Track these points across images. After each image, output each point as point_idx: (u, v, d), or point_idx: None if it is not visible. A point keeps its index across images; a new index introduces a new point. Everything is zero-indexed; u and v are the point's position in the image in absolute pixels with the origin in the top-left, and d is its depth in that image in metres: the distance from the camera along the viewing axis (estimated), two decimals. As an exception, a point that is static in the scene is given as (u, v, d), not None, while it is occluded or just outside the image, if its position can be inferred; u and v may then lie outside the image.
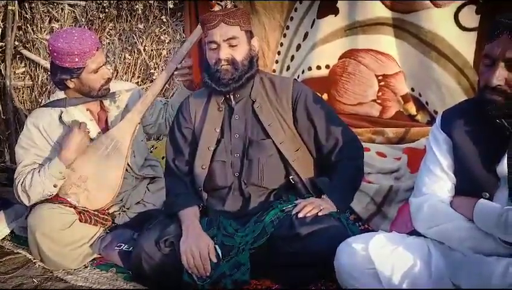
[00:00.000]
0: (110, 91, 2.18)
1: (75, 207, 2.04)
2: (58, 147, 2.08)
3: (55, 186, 2.01)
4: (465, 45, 2.29)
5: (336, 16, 2.51)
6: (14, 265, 2.03)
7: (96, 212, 2.08)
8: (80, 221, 2.02)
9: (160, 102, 2.35)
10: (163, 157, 2.24)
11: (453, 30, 2.30)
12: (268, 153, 1.77)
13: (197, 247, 1.60)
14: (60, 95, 2.16)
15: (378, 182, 2.16)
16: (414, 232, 1.45)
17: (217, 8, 2.16)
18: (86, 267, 2.00)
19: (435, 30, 2.31)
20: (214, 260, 1.60)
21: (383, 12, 2.41)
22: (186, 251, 1.60)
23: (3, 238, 2.29)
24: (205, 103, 1.88)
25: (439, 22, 2.30)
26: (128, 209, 2.20)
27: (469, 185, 1.36)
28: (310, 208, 1.63)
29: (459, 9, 2.28)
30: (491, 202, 1.30)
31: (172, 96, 2.72)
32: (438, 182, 1.42)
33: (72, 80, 2.07)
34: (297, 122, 1.82)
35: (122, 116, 2.20)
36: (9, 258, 2.09)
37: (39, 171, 2.00)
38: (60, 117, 2.11)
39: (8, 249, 2.19)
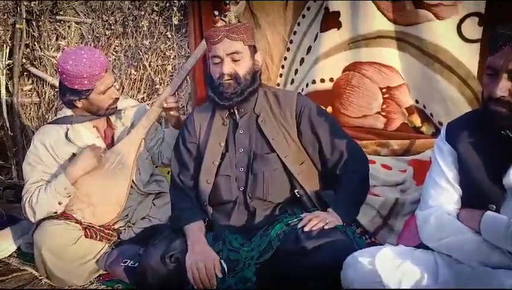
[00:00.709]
0: (117, 109, 2.20)
1: (80, 223, 2.05)
2: (66, 164, 2.09)
3: (60, 203, 2.01)
4: (468, 56, 2.29)
5: (338, 29, 2.53)
6: (21, 282, 2.03)
7: (101, 228, 2.09)
8: (86, 237, 2.02)
9: (163, 131, 2.35)
10: (168, 172, 2.25)
11: (456, 41, 2.30)
12: (273, 167, 1.77)
13: (203, 262, 1.59)
14: (67, 112, 2.18)
15: (383, 194, 2.15)
16: (421, 245, 1.43)
17: (220, 23, 2.18)
18: (92, 283, 1.99)
19: (437, 42, 2.31)
20: (220, 275, 1.59)
21: (385, 25, 2.42)
22: (191, 266, 1.59)
23: (10, 255, 2.29)
24: (210, 118, 1.88)
25: (441, 33, 2.31)
26: (133, 224, 2.20)
27: (475, 197, 1.35)
28: (316, 221, 1.62)
29: (461, 21, 2.29)
30: (498, 214, 1.29)
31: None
32: (444, 194, 1.41)
33: (81, 100, 2.09)
34: (301, 136, 1.82)
35: (128, 132, 2.21)
36: (16, 275, 2.09)
37: (45, 188, 2.01)
38: (66, 134, 2.12)
39: (14, 265, 2.19)
